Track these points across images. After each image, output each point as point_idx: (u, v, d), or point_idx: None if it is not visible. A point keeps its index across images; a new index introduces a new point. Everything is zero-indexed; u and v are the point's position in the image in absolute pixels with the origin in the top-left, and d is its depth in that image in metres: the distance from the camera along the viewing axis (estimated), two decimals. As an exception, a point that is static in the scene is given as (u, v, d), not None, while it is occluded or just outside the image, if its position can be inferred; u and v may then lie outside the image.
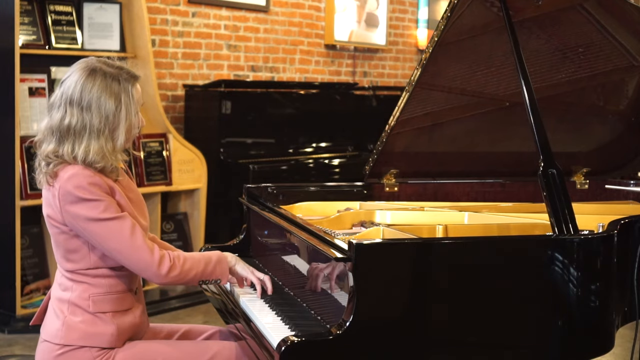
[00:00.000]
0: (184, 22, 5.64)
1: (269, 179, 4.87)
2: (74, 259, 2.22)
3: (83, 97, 2.18)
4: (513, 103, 2.99)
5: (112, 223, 2.15)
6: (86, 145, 2.17)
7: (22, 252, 4.41)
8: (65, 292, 2.24)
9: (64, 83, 2.23)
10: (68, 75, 2.24)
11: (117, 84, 2.22)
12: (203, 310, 4.72)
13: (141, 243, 2.17)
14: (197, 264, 2.26)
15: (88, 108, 2.18)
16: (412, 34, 7.57)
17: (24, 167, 4.35)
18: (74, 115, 2.18)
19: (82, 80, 2.19)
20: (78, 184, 2.14)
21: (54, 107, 2.23)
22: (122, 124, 2.21)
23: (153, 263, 2.17)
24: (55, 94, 2.25)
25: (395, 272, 2.03)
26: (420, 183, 3.22)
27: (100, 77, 2.20)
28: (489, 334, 2.11)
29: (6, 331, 4.27)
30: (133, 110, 2.24)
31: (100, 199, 2.15)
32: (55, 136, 2.20)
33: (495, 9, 2.66)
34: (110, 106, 2.19)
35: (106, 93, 2.19)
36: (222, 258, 2.34)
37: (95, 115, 2.18)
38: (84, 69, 2.22)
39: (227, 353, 2.31)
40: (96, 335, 2.20)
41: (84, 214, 2.14)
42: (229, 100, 5.39)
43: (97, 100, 2.18)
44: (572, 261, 2.16)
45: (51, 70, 4.64)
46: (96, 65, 2.23)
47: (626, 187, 3.50)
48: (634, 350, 2.44)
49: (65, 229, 2.19)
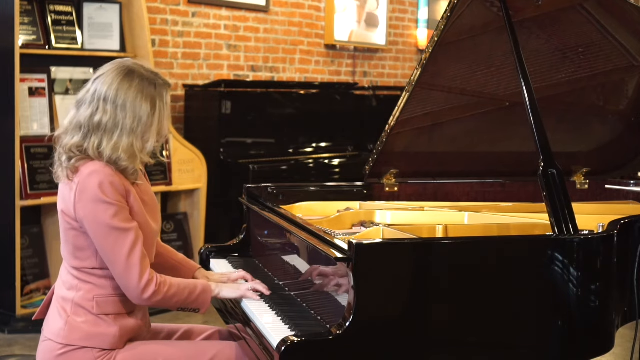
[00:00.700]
0: (184, 22, 5.64)
1: (269, 179, 4.87)
2: (81, 256, 2.22)
3: (118, 96, 2.19)
4: (513, 103, 2.99)
5: (116, 233, 2.15)
6: (115, 142, 2.18)
7: (22, 252, 4.41)
8: (70, 291, 2.24)
9: (97, 80, 2.24)
10: (102, 73, 2.25)
11: (153, 88, 2.23)
12: (203, 310, 4.71)
13: (135, 262, 2.16)
14: (181, 292, 2.25)
15: (123, 107, 2.19)
16: (412, 34, 7.57)
17: (24, 167, 4.34)
18: (107, 112, 2.19)
19: (119, 80, 2.20)
20: (98, 182, 2.14)
21: (84, 102, 2.24)
22: (154, 127, 2.23)
23: (139, 286, 2.16)
24: (85, 90, 2.26)
25: (395, 272, 2.03)
26: (420, 183, 3.22)
27: (138, 79, 2.22)
28: (488, 334, 2.11)
29: (6, 331, 4.26)
30: (165, 116, 2.26)
31: (114, 203, 2.15)
32: (82, 131, 2.20)
33: (495, 9, 2.66)
34: (145, 108, 2.20)
35: (142, 95, 2.20)
36: (207, 288, 2.32)
37: (129, 115, 2.19)
38: (120, 68, 2.23)
39: (227, 353, 2.31)
40: (98, 336, 2.20)
41: (94, 214, 2.14)
42: (229, 100, 5.38)
43: (133, 100, 2.19)
44: (572, 261, 2.16)
45: (51, 70, 4.64)
46: (133, 67, 2.25)
47: (626, 187, 3.50)
48: (634, 350, 2.44)
49: (76, 225, 2.19)
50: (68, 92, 4.74)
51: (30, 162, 4.39)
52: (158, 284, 2.19)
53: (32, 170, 4.39)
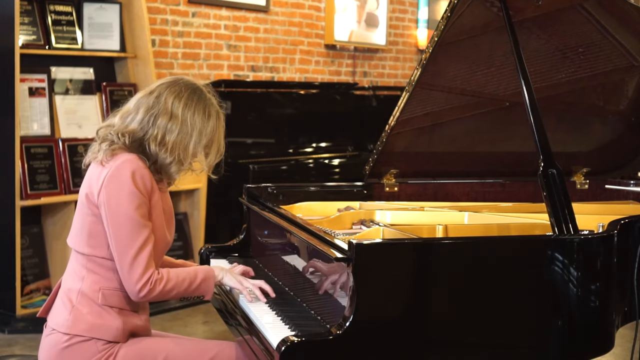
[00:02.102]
0: (184, 22, 5.64)
1: (269, 179, 4.86)
2: (94, 244, 2.24)
3: (188, 105, 2.27)
4: (513, 103, 2.99)
5: (133, 224, 2.17)
6: (181, 139, 2.25)
7: (22, 252, 4.41)
8: (77, 281, 2.26)
9: (161, 87, 2.30)
10: (164, 82, 2.32)
11: (217, 107, 2.36)
12: (203, 310, 4.72)
13: (142, 259, 2.17)
14: (180, 284, 2.26)
15: (191, 116, 2.27)
16: (412, 34, 7.57)
17: (24, 167, 4.35)
18: (176, 118, 2.25)
19: (187, 93, 2.29)
20: (131, 170, 2.18)
21: (146, 103, 2.27)
22: (216, 142, 2.35)
23: (137, 284, 2.17)
24: (148, 91, 2.31)
25: (395, 272, 2.03)
26: (420, 183, 3.22)
27: (204, 96, 2.32)
28: (488, 334, 2.11)
29: (6, 331, 4.26)
30: (224, 134, 2.38)
31: (139, 193, 2.19)
32: (142, 122, 2.25)
33: (495, 9, 2.66)
34: (213, 123, 2.32)
35: (209, 110, 2.32)
36: (209, 275, 2.33)
37: (197, 124, 2.28)
38: (187, 84, 2.31)
39: (228, 352, 2.32)
40: (102, 327, 2.22)
41: (118, 200, 2.17)
42: (229, 100, 5.38)
43: (202, 114, 2.29)
44: (572, 261, 2.16)
45: (51, 70, 4.64)
46: (197, 84, 2.34)
47: (626, 187, 3.50)
48: (634, 350, 2.44)
49: (97, 212, 2.22)
50: (68, 92, 4.74)
51: (30, 162, 4.39)
52: (153, 282, 2.20)
53: (32, 170, 4.39)
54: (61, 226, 4.55)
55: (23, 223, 4.36)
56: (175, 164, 2.27)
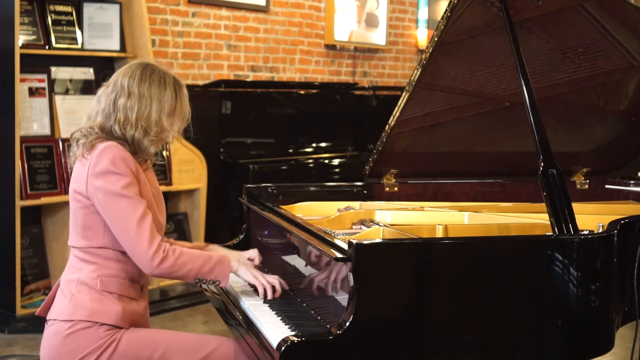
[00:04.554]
0: (184, 22, 5.64)
1: (269, 179, 4.87)
2: (89, 235, 2.28)
3: (143, 80, 2.32)
4: (513, 103, 2.99)
5: (127, 200, 2.22)
6: (145, 115, 2.29)
7: (22, 252, 4.41)
8: (75, 273, 2.30)
9: (115, 75, 2.37)
10: (120, 70, 2.38)
11: (172, 78, 2.38)
12: (203, 310, 4.72)
13: (146, 229, 2.21)
14: (194, 260, 2.28)
15: (148, 89, 2.31)
16: (412, 34, 7.57)
17: (24, 167, 4.35)
18: (133, 95, 2.30)
19: (140, 70, 2.34)
20: (111, 156, 2.23)
21: (104, 94, 2.34)
22: (178, 110, 2.36)
23: (148, 251, 2.21)
24: (105, 85, 2.38)
25: (395, 272, 2.03)
26: (420, 183, 3.22)
27: (157, 70, 2.36)
28: (488, 334, 2.11)
29: (6, 331, 4.27)
30: (187, 102, 2.41)
31: (125, 174, 2.23)
32: (105, 112, 2.31)
33: (495, 9, 2.66)
34: (170, 92, 2.34)
35: (164, 81, 2.35)
36: (224, 260, 2.35)
37: (155, 97, 2.31)
38: (138, 63, 2.38)
39: (227, 347, 2.34)
40: (103, 312, 2.25)
41: (105, 185, 2.22)
42: (229, 100, 5.39)
43: (158, 85, 2.33)
44: (572, 261, 2.16)
45: (51, 70, 4.64)
46: (150, 61, 2.40)
47: (626, 187, 3.50)
48: (634, 350, 2.44)
49: (87, 203, 2.26)
50: (68, 92, 4.74)
51: (30, 162, 4.39)
52: (166, 250, 2.23)
53: (32, 170, 4.39)
54: (61, 226, 4.55)
55: (23, 223, 4.37)
56: (145, 137, 2.31)
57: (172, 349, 2.29)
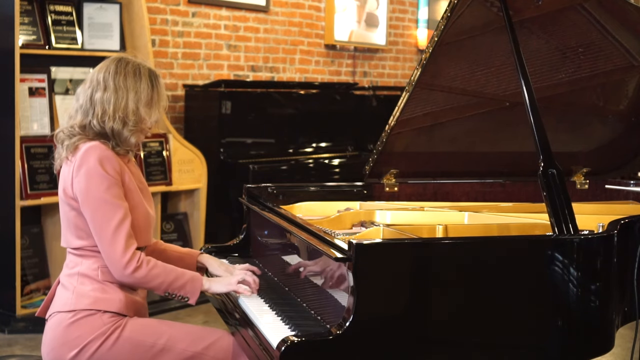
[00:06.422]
0: (184, 22, 5.64)
1: (269, 179, 4.87)
2: (82, 235, 2.30)
3: (118, 73, 2.32)
4: (513, 103, 2.99)
5: (106, 206, 2.23)
6: (123, 106, 2.29)
7: (22, 252, 4.41)
8: (75, 267, 2.32)
9: (91, 73, 2.37)
10: (98, 66, 2.39)
11: (147, 69, 2.37)
12: (203, 310, 4.72)
13: (121, 237, 2.23)
14: (166, 273, 2.30)
15: (124, 81, 2.31)
16: (412, 34, 7.57)
17: (24, 167, 4.34)
18: (108, 88, 2.30)
19: (114, 63, 2.34)
20: (95, 156, 2.25)
21: (82, 92, 2.35)
22: (155, 99, 2.35)
23: (122, 259, 2.23)
24: (82, 85, 2.38)
25: (395, 272, 2.03)
26: (420, 183, 3.22)
27: (131, 62, 2.36)
28: (488, 334, 2.11)
29: (6, 331, 4.27)
30: (164, 91, 2.40)
31: (108, 176, 2.24)
32: (83, 109, 2.33)
33: (495, 9, 2.66)
34: (145, 82, 2.34)
35: (139, 72, 2.34)
36: (196, 278, 2.37)
37: (131, 88, 2.32)
38: (112, 58, 2.38)
39: (227, 340, 2.36)
40: (107, 300, 2.27)
41: (87, 186, 2.23)
42: (229, 100, 5.38)
43: (133, 76, 2.33)
44: (572, 261, 2.16)
45: (51, 70, 4.64)
46: (124, 55, 2.40)
47: (626, 187, 3.50)
48: (634, 350, 2.44)
49: (76, 205, 2.28)
50: (68, 92, 4.74)
51: (30, 162, 4.39)
52: (140, 260, 2.25)
53: (32, 170, 4.39)
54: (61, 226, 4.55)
55: (23, 223, 4.37)
56: (124, 128, 2.31)
57: (175, 338, 2.31)
